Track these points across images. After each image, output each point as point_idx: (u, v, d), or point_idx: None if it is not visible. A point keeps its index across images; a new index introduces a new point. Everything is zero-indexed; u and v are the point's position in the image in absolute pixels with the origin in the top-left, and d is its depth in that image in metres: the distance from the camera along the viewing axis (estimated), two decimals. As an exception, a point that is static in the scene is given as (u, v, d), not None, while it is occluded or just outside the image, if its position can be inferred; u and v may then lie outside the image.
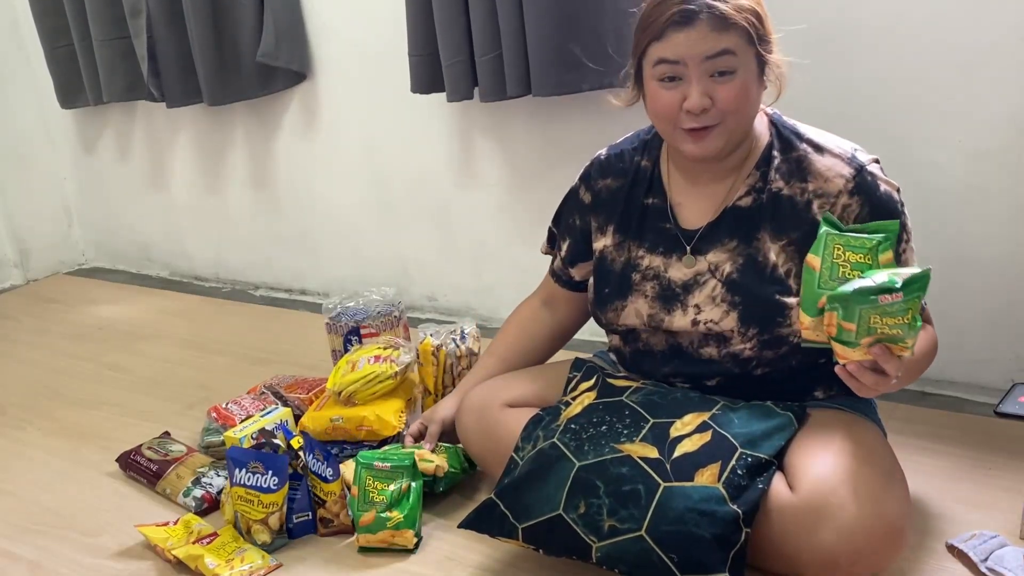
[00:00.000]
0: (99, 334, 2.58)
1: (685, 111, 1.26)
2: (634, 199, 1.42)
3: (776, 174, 1.32)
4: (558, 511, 1.23)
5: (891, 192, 1.29)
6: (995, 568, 1.23)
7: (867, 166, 1.29)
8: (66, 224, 3.29)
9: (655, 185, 1.41)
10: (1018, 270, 1.65)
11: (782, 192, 1.31)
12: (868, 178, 1.28)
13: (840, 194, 1.28)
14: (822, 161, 1.30)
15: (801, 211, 1.30)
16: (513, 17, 1.89)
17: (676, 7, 1.23)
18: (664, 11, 1.24)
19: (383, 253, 2.54)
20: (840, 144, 1.32)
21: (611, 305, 1.42)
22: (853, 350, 1.13)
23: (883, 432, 1.37)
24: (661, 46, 1.25)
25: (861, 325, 1.11)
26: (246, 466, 1.43)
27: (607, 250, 1.44)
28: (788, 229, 1.30)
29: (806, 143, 1.33)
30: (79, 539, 1.55)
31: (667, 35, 1.24)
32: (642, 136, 1.46)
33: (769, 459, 1.22)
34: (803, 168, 1.31)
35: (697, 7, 1.22)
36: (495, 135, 2.21)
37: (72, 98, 2.89)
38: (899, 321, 1.10)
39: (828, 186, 1.29)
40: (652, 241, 1.39)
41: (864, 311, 1.10)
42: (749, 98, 1.27)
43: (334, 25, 2.38)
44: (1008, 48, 1.56)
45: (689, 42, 1.23)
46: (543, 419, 1.37)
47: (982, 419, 1.65)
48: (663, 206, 1.39)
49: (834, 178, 1.28)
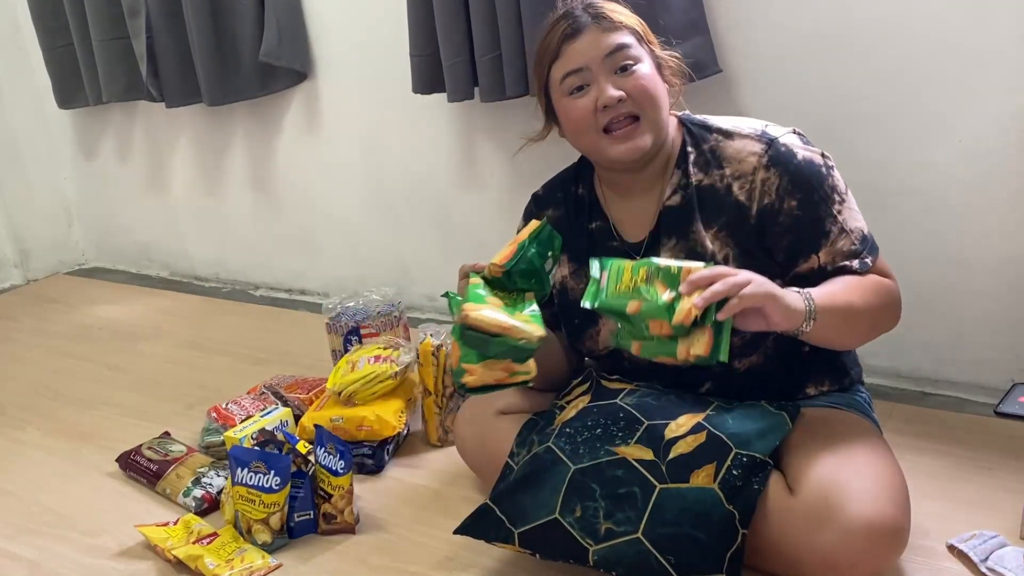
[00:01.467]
0: (99, 334, 2.58)
1: (602, 107, 1.29)
2: (579, 227, 1.45)
3: (694, 167, 1.34)
4: (554, 515, 1.23)
5: (810, 157, 1.30)
6: (995, 568, 1.23)
7: (779, 138, 1.30)
8: (66, 224, 3.29)
9: (595, 210, 1.45)
10: (1018, 270, 1.65)
11: (703, 183, 1.33)
12: (781, 149, 1.29)
13: (756, 171, 1.29)
14: (732, 145, 1.32)
15: (723, 196, 1.32)
16: (512, 17, 1.89)
17: (564, 24, 1.32)
18: (555, 33, 1.33)
19: (383, 253, 2.54)
20: (750, 124, 1.34)
21: (586, 333, 1.44)
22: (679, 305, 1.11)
23: (879, 430, 1.37)
24: (561, 63, 1.32)
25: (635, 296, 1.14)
26: (248, 465, 1.43)
27: (566, 280, 1.46)
28: (715, 216, 1.32)
29: (716, 132, 1.35)
30: (79, 539, 1.55)
31: (563, 51, 1.32)
32: (571, 168, 1.50)
33: (764, 459, 1.23)
34: (717, 156, 1.33)
35: (583, 19, 1.31)
36: (495, 135, 2.21)
37: (70, 98, 2.90)
38: (645, 270, 1.15)
39: (743, 167, 1.30)
40: None
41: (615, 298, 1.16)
42: (657, 85, 1.31)
43: (335, 25, 2.38)
44: (1008, 48, 1.56)
45: (585, 47, 1.30)
46: (538, 423, 1.37)
47: (982, 419, 1.65)
48: (606, 226, 1.43)
49: (747, 157, 1.30)
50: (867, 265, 1.29)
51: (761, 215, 1.29)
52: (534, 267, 1.28)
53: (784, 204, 1.28)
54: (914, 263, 1.70)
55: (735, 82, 1.81)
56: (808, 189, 1.28)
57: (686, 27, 1.72)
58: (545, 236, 1.31)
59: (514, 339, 1.18)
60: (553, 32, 1.33)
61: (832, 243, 1.28)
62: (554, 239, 1.32)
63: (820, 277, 1.28)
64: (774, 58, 1.77)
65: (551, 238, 1.32)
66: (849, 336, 1.28)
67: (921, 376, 1.81)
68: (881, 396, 1.76)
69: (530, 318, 1.22)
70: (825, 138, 1.38)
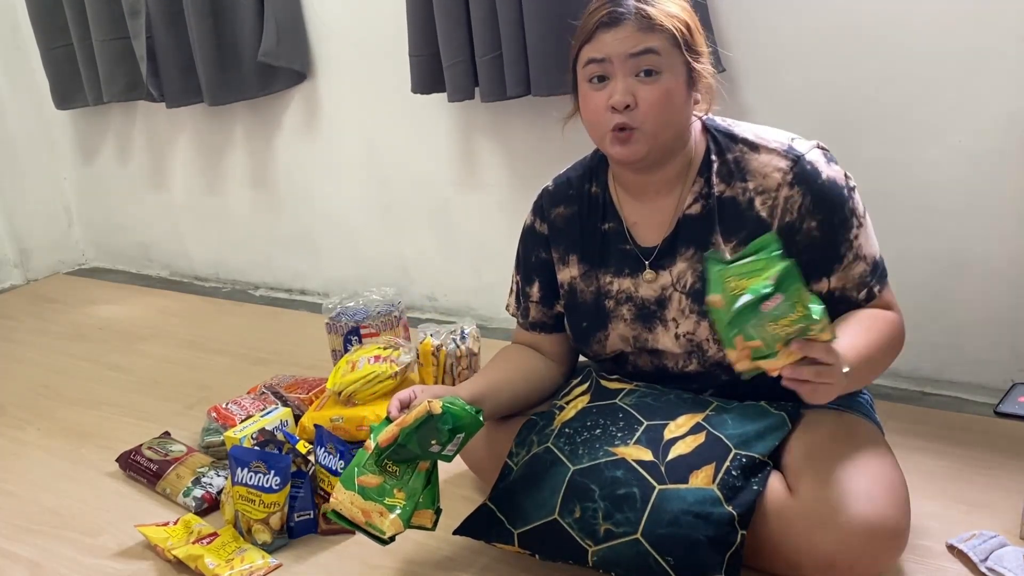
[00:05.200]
0: (99, 334, 2.58)
1: (609, 107, 1.27)
2: (591, 227, 1.42)
3: (716, 177, 1.32)
4: (553, 516, 1.23)
5: (835, 178, 1.28)
6: (995, 568, 1.23)
7: (805, 155, 1.28)
8: (66, 224, 3.29)
9: (608, 211, 1.41)
10: (1018, 270, 1.65)
11: (724, 194, 1.31)
12: (807, 167, 1.27)
13: (780, 187, 1.27)
14: (758, 159, 1.30)
15: (744, 210, 1.30)
16: (512, 18, 1.89)
17: (605, 9, 1.26)
18: (594, 15, 1.28)
19: (383, 253, 2.54)
20: (777, 137, 1.31)
21: (594, 337, 1.42)
22: (776, 360, 1.11)
23: (880, 430, 1.36)
24: (590, 47, 1.28)
25: (765, 337, 1.09)
26: (248, 465, 1.43)
27: (575, 282, 1.43)
28: (736, 230, 1.30)
29: (741, 143, 1.32)
30: (79, 539, 1.55)
31: (595, 36, 1.27)
32: (586, 163, 1.46)
33: (763, 459, 1.22)
34: (741, 168, 1.31)
35: (625, 9, 1.26)
36: (495, 135, 2.21)
37: (68, 99, 2.89)
38: (796, 316, 1.08)
39: (767, 182, 1.28)
40: (617, 265, 1.39)
41: (758, 324, 1.09)
42: (673, 102, 1.27)
43: (335, 25, 2.38)
44: (1008, 48, 1.56)
45: (614, 40, 1.25)
46: (537, 424, 1.37)
47: (982, 419, 1.65)
48: (620, 229, 1.40)
49: (772, 173, 1.28)
50: (874, 296, 1.29)
51: (781, 233, 1.26)
52: (413, 455, 1.27)
53: (804, 224, 1.27)
54: (914, 263, 1.71)
55: (736, 82, 1.81)
56: (830, 211, 1.26)
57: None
58: (430, 426, 1.24)
59: (369, 534, 1.25)
60: (595, 13, 1.28)
61: (845, 268, 1.27)
62: (442, 424, 1.23)
63: (827, 301, 1.23)
64: (775, 58, 1.77)
65: (437, 426, 1.24)
66: (862, 384, 1.27)
67: (921, 376, 1.81)
68: (881, 396, 1.76)
69: (395, 503, 1.25)
70: (826, 138, 1.38)
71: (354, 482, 1.26)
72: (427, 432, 1.24)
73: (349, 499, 1.25)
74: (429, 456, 1.27)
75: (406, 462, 1.28)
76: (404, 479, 1.27)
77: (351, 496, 1.25)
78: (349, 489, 1.26)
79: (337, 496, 1.26)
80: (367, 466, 1.27)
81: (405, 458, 1.27)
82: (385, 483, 1.26)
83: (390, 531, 1.23)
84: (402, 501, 1.25)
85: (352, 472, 1.27)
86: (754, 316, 1.08)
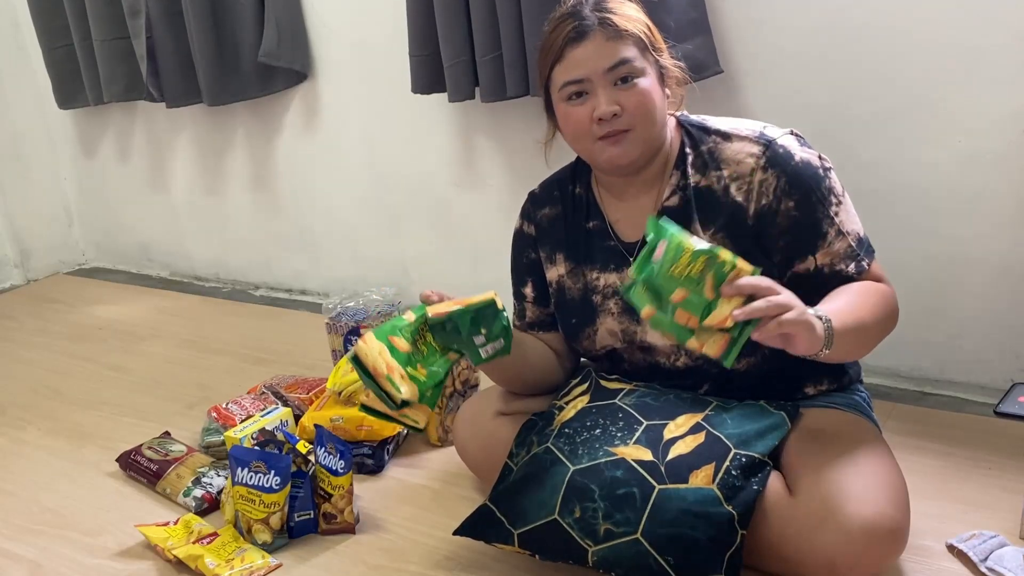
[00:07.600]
0: (99, 334, 2.58)
1: (596, 120, 1.28)
2: (576, 226, 1.44)
3: (692, 169, 1.34)
4: (553, 516, 1.23)
5: (808, 159, 1.29)
6: (995, 568, 1.23)
7: (777, 139, 1.30)
8: (66, 224, 3.29)
9: (592, 210, 1.44)
10: (1018, 270, 1.65)
11: (700, 184, 1.33)
12: (780, 150, 1.29)
13: (754, 172, 1.29)
14: (731, 147, 1.32)
15: (721, 197, 1.32)
16: (513, 17, 1.89)
17: (569, 25, 1.29)
18: (559, 33, 1.30)
19: (383, 253, 2.54)
20: (748, 126, 1.34)
21: (583, 333, 1.44)
22: (721, 309, 1.09)
23: (879, 429, 1.37)
24: (563, 67, 1.30)
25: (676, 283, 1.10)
26: (248, 465, 1.43)
27: (562, 279, 1.45)
28: (713, 218, 1.32)
29: (714, 134, 1.35)
30: (79, 539, 1.55)
31: (566, 54, 1.29)
32: (569, 168, 1.49)
33: (763, 459, 1.23)
34: (715, 158, 1.33)
35: (589, 20, 1.28)
36: (495, 135, 2.21)
37: (70, 98, 2.90)
38: (688, 255, 1.09)
39: (740, 168, 1.30)
40: (603, 261, 1.41)
41: (660, 274, 1.11)
42: (654, 102, 1.30)
43: (335, 25, 2.38)
44: (1008, 48, 1.56)
45: (587, 56, 1.28)
46: (537, 424, 1.38)
47: (982, 419, 1.65)
48: (604, 226, 1.42)
49: (744, 159, 1.30)
50: (863, 268, 1.29)
51: (759, 216, 1.29)
52: (452, 339, 1.26)
53: (782, 205, 1.28)
54: (914, 263, 1.71)
55: (736, 82, 1.81)
56: (806, 190, 1.28)
57: (687, 27, 1.72)
58: (489, 313, 1.26)
59: (382, 388, 1.20)
60: (558, 31, 1.30)
61: (829, 245, 1.28)
62: (499, 319, 1.26)
63: (817, 278, 1.28)
64: (775, 58, 1.77)
65: (495, 318, 1.26)
66: (857, 353, 1.27)
67: (921, 376, 1.81)
68: (881, 396, 1.76)
69: (416, 376, 1.22)
70: (825, 138, 1.38)
71: (387, 337, 1.22)
72: (482, 319, 1.25)
73: (378, 349, 1.21)
74: (468, 346, 1.26)
75: (438, 346, 1.26)
76: (430, 360, 1.25)
77: (380, 347, 1.21)
78: (380, 340, 1.22)
79: (367, 342, 1.21)
80: (403, 332, 1.24)
81: (442, 340, 1.26)
82: (412, 354, 1.24)
83: (407, 394, 1.20)
84: (423, 377, 1.23)
85: (387, 329, 1.24)
86: (649, 268, 1.12)
